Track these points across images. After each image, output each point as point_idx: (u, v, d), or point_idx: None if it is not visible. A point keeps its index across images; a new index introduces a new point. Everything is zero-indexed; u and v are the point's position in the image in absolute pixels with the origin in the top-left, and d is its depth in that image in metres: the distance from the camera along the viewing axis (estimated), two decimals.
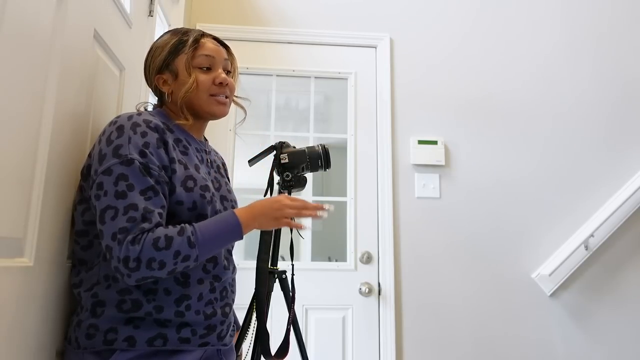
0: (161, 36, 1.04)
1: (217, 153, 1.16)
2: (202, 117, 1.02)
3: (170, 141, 0.92)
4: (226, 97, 1.02)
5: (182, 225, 0.85)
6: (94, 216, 0.89)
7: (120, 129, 0.86)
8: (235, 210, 0.90)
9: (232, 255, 1.04)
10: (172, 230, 0.82)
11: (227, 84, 1.01)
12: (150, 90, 1.09)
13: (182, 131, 1.00)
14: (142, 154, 0.85)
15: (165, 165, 0.89)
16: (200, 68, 0.99)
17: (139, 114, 0.91)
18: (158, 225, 0.83)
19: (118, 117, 0.90)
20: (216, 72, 1.00)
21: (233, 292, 1.02)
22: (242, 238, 0.89)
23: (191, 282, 0.90)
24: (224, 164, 1.17)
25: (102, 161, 0.84)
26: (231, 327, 1.00)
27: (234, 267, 1.03)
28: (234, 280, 1.03)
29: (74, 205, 0.94)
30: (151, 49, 1.03)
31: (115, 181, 0.82)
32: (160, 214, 0.84)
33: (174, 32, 1.02)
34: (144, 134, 0.87)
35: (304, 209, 0.94)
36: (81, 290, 0.88)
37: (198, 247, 0.83)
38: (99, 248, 0.89)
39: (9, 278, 0.74)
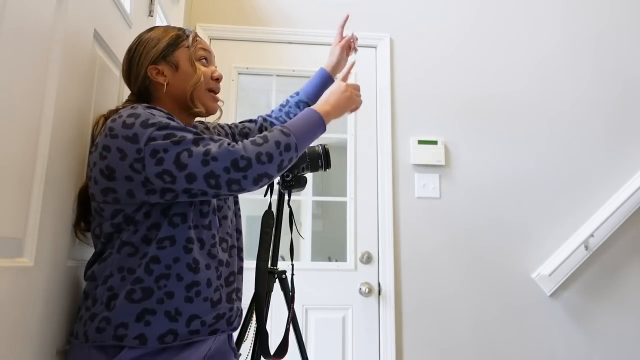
0: (150, 30, 1.03)
1: (204, 125, 1.17)
2: (198, 111, 1.01)
3: None
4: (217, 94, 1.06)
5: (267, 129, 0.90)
6: (125, 217, 0.87)
7: (132, 114, 0.85)
8: (312, 106, 0.97)
9: (236, 243, 1.03)
10: (260, 134, 0.86)
11: (221, 80, 1.05)
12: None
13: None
14: (171, 119, 0.86)
15: None
16: (200, 61, 1.02)
17: (137, 105, 0.91)
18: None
19: (118, 113, 0.88)
20: (212, 67, 1.05)
21: (240, 280, 1.02)
22: (325, 129, 0.96)
23: (201, 268, 0.90)
24: (210, 132, 1.17)
25: (138, 139, 0.82)
26: (239, 312, 1.00)
27: (240, 249, 1.03)
28: (241, 268, 1.03)
29: (97, 211, 0.91)
30: (140, 41, 1.01)
31: (165, 137, 0.82)
32: None
33: (166, 27, 1.03)
34: (160, 111, 0.88)
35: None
36: (97, 284, 0.87)
37: (293, 134, 0.87)
38: (116, 241, 0.88)
39: (9, 278, 0.74)
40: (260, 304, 1.18)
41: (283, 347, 1.19)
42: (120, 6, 1.21)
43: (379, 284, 2.02)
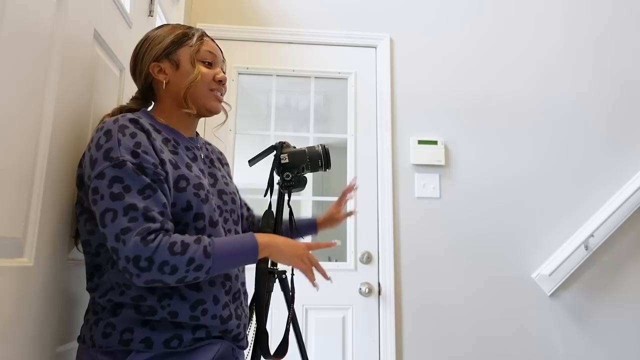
0: (159, 27, 1.03)
1: (210, 145, 1.16)
2: (199, 111, 1.01)
3: (158, 143, 0.90)
4: (221, 95, 1.04)
5: (200, 235, 0.84)
6: (96, 225, 0.88)
7: (108, 133, 0.85)
8: (256, 234, 0.90)
9: None
10: (189, 238, 0.82)
11: (225, 83, 1.04)
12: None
13: (170, 130, 0.99)
14: (134, 154, 0.83)
15: (159, 162, 0.87)
16: (203, 62, 1.00)
17: (123, 115, 0.90)
18: (163, 224, 0.81)
19: (103, 122, 0.89)
20: (217, 69, 1.02)
21: (246, 293, 1.02)
22: (255, 261, 0.89)
23: (203, 286, 0.89)
24: (220, 154, 1.17)
25: (94, 166, 0.83)
26: (247, 329, 0.99)
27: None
28: (244, 283, 1.03)
29: (76, 216, 0.94)
30: (147, 38, 1.01)
31: (110, 184, 0.80)
32: (162, 213, 0.82)
33: (175, 25, 1.03)
34: (133, 135, 0.86)
35: (316, 268, 1.01)
36: (96, 296, 0.88)
37: (213, 258, 0.82)
38: (107, 255, 0.89)
39: (9, 278, 0.74)
40: (261, 304, 1.18)
41: (283, 347, 1.19)
42: (120, 6, 1.21)
43: (379, 284, 2.02)
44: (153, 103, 1.04)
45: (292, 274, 1.29)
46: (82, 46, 0.99)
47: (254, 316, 1.22)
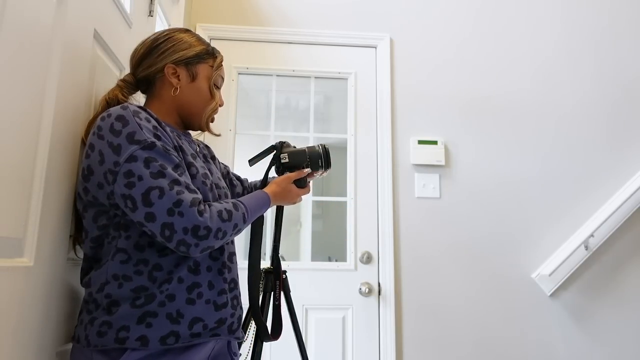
0: (183, 31, 1.05)
1: (199, 142, 1.18)
2: (192, 124, 1.06)
3: (168, 130, 0.93)
4: None
5: (234, 201, 0.93)
6: (109, 218, 0.88)
7: (121, 118, 0.85)
8: (265, 190, 1.08)
9: (234, 250, 1.05)
10: (228, 205, 0.90)
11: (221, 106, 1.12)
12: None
13: (169, 125, 1.01)
14: (157, 137, 0.87)
15: (174, 146, 0.91)
16: (215, 86, 1.06)
17: (130, 104, 0.90)
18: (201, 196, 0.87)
19: (107, 111, 0.88)
20: (219, 93, 1.09)
21: (239, 286, 1.03)
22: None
23: (201, 270, 0.91)
24: (207, 149, 1.19)
25: (119, 151, 0.83)
26: (240, 320, 1.00)
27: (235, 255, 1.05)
28: (237, 275, 1.04)
29: (77, 212, 0.93)
30: (171, 37, 1.02)
31: (146, 164, 0.82)
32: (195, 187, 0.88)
33: (200, 38, 1.06)
34: (148, 120, 0.88)
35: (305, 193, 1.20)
36: (92, 291, 0.87)
37: (247, 222, 0.93)
38: (109, 247, 0.88)
39: (9, 278, 0.74)
40: (256, 284, 1.15)
41: (276, 327, 1.19)
42: (120, 6, 1.21)
43: (379, 284, 2.02)
44: (141, 94, 1.07)
45: (278, 245, 1.28)
46: (82, 46, 0.99)
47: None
